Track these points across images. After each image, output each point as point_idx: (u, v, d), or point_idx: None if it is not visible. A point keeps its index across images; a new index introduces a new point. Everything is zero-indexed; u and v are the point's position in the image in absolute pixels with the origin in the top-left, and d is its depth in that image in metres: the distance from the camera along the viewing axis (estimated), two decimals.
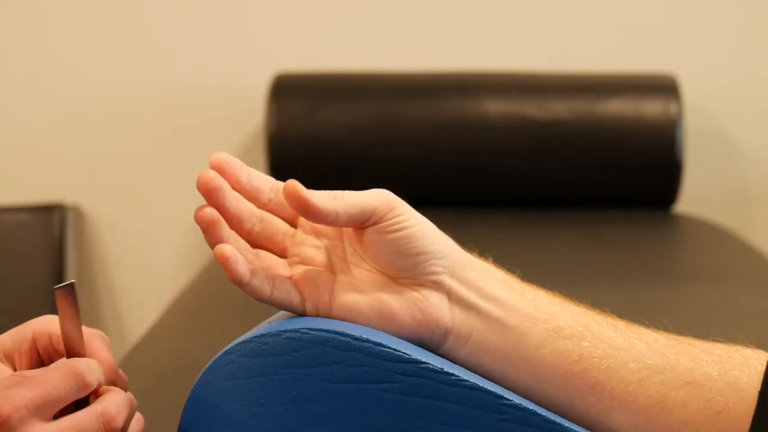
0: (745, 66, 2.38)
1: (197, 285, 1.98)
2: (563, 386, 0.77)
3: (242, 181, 0.78)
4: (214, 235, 0.76)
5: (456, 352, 0.78)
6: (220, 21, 2.38)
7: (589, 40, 2.38)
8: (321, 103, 2.23)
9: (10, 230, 2.32)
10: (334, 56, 2.37)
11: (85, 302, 2.40)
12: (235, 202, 0.77)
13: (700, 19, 2.38)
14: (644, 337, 0.79)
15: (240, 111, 2.38)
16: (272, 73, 2.28)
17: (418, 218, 0.77)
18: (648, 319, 0.82)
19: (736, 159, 2.41)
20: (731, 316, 1.63)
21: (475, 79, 2.26)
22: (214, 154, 0.77)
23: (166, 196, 2.39)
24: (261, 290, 0.75)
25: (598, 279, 1.82)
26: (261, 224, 0.78)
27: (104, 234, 2.42)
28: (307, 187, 0.81)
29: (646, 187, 2.23)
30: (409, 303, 0.77)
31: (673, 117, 2.19)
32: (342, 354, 0.73)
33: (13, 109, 2.39)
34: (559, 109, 2.20)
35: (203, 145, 2.37)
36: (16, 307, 2.29)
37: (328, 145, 2.20)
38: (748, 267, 1.94)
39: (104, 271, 2.43)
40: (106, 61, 2.38)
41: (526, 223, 2.16)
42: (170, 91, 2.38)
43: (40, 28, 2.37)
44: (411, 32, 2.39)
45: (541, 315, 0.78)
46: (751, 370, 0.77)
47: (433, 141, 2.20)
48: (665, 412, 0.76)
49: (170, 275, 2.36)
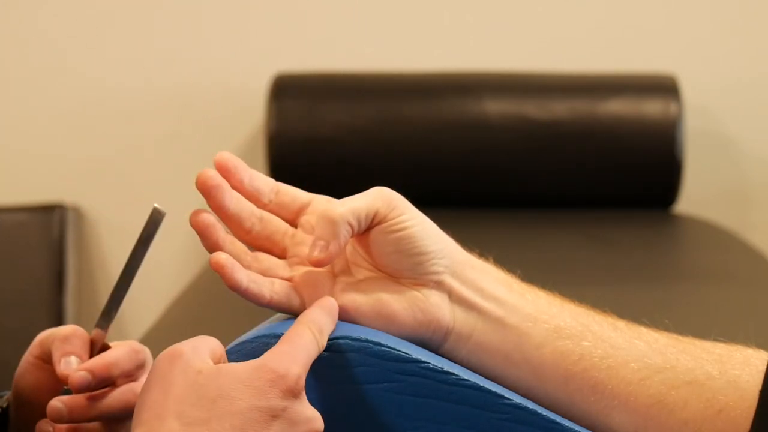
0: (745, 66, 2.38)
1: (197, 285, 1.98)
2: (564, 386, 0.77)
3: (244, 181, 0.78)
4: (209, 239, 0.76)
5: (457, 351, 0.78)
6: (220, 21, 2.38)
7: (589, 40, 2.38)
8: (321, 103, 2.23)
9: (10, 230, 2.32)
10: (334, 56, 2.37)
11: (85, 302, 2.40)
12: (235, 201, 0.77)
13: (700, 19, 2.38)
14: (644, 336, 0.79)
15: (240, 111, 2.38)
16: (272, 73, 2.28)
17: (419, 217, 0.77)
18: (648, 319, 0.82)
19: (736, 159, 2.41)
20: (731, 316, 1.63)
21: (475, 79, 2.25)
22: (219, 154, 0.77)
23: (166, 196, 2.39)
24: (259, 295, 0.75)
25: (598, 279, 1.82)
26: (261, 224, 0.78)
27: (104, 234, 2.42)
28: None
29: (646, 187, 2.23)
30: (409, 303, 0.76)
31: (673, 117, 2.19)
32: (342, 354, 0.73)
33: (13, 109, 2.39)
34: (559, 109, 2.20)
35: (203, 145, 2.37)
36: (16, 307, 2.29)
37: (328, 145, 2.20)
38: (748, 267, 1.94)
39: (104, 271, 2.43)
40: (107, 61, 2.38)
41: (526, 223, 2.16)
42: (170, 91, 2.38)
43: (40, 29, 2.37)
44: (411, 32, 2.39)
45: (541, 315, 0.78)
46: (752, 369, 0.77)
47: (433, 141, 2.20)
48: (666, 411, 0.76)
49: (170, 275, 2.36)
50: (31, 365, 0.82)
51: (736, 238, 2.13)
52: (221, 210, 0.77)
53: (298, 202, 0.79)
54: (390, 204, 0.76)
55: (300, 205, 0.79)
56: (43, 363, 0.82)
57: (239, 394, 0.66)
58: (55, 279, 2.29)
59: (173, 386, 0.67)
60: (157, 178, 2.40)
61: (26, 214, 2.33)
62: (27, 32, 2.37)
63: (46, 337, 0.82)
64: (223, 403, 0.66)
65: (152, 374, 0.68)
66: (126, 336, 2.42)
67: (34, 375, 0.82)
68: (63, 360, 0.79)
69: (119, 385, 0.80)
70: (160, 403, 0.66)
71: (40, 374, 0.82)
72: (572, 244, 2.03)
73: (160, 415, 0.66)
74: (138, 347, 0.82)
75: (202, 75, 2.38)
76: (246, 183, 0.78)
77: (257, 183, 0.78)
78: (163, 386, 0.67)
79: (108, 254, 2.43)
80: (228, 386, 0.67)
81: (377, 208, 0.75)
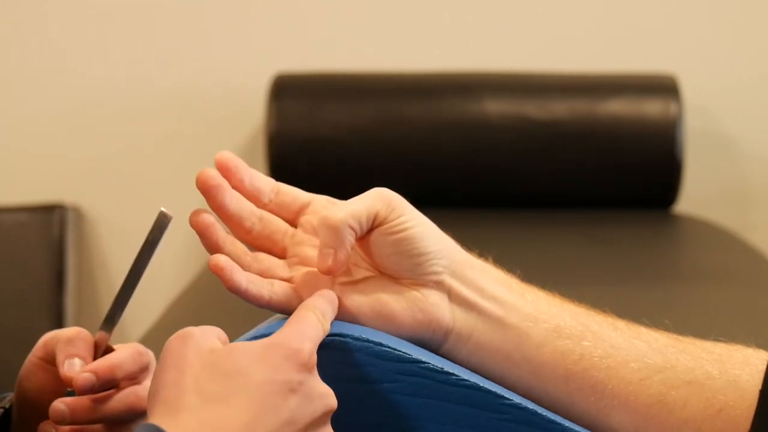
0: (746, 66, 2.38)
1: (197, 285, 1.98)
2: (564, 386, 0.77)
3: (244, 180, 0.78)
4: (209, 239, 0.76)
5: (456, 351, 0.78)
6: (220, 21, 2.38)
7: (589, 40, 2.38)
8: (321, 103, 2.23)
9: (10, 230, 2.32)
10: (334, 56, 2.37)
11: (85, 302, 2.40)
12: (235, 201, 0.77)
13: (700, 19, 2.38)
14: (644, 336, 0.79)
15: (240, 111, 2.38)
16: (272, 73, 2.28)
17: (419, 218, 0.77)
18: (648, 319, 0.82)
19: (736, 159, 2.41)
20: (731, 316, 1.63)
21: (475, 79, 2.25)
22: (219, 153, 0.77)
23: (166, 196, 2.39)
24: (259, 296, 0.75)
25: (598, 279, 1.82)
26: (261, 223, 0.78)
27: (104, 234, 2.42)
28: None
29: (646, 187, 2.23)
30: (409, 303, 0.77)
31: (673, 117, 2.19)
32: (342, 354, 0.73)
33: (13, 109, 2.39)
34: (559, 109, 2.20)
35: (203, 145, 2.37)
36: (16, 307, 2.29)
37: (328, 145, 2.20)
38: (748, 267, 1.94)
39: (104, 271, 2.43)
40: (107, 60, 2.38)
41: (526, 223, 2.16)
42: (170, 91, 2.38)
43: (40, 28, 2.37)
44: (411, 32, 2.39)
45: (541, 315, 0.78)
46: (752, 369, 0.77)
47: (433, 141, 2.20)
48: (666, 411, 0.76)
49: (170, 275, 2.36)
50: (34, 366, 0.82)
51: (736, 238, 2.13)
52: (221, 210, 0.77)
53: (298, 202, 0.80)
54: (389, 205, 0.76)
55: (300, 205, 0.80)
56: (47, 364, 0.82)
57: (254, 368, 0.67)
58: (55, 279, 2.29)
59: (189, 365, 0.67)
60: (157, 178, 2.40)
61: (26, 214, 2.33)
62: (27, 32, 2.37)
63: (50, 339, 0.82)
64: (239, 378, 0.66)
65: (165, 356, 0.69)
66: (126, 336, 2.43)
67: (38, 376, 0.82)
68: (67, 362, 0.79)
69: (122, 388, 0.80)
70: (176, 382, 0.67)
71: (44, 375, 0.82)
72: (572, 244, 2.03)
73: (178, 393, 0.66)
74: (142, 350, 0.82)
75: (202, 75, 2.38)
76: (246, 183, 0.78)
77: (257, 183, 0.79)
78: (178, 365, 0.67)
79: (108, 254, 2.43)
80: (243, 362, 0.67)
81: (377, 210, 0.75)
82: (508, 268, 0.81)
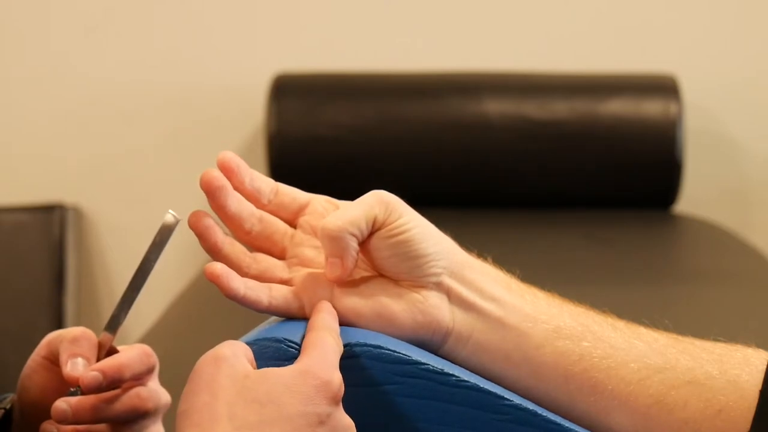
0: (746, 66, 2.38)
1: (197, 285, 1.98)
2: (564, 386, 0.77)
3: (245, 181, 0.78)
4: (208, 240, 0.76)
5: (456, 352, 0.78)
6: (220, 21, 2.38)
7: (589, 40, 2.38)
8: (321, 103, 2.23)
9: (10, 230, 2.32)
10: (334, 56, 2.37)
11: (85, 302, 2.40)
12: (236, 202, 0.77)
13: (700, 19, 2.38)
14: (644, 336, 0.79)
15: (240, 111, 2.38)
16: (272, 73, 2.28)
17: (417, 220, 0.77)
18: (648, 319, 0.82)
19: (736, 159, 2.41)
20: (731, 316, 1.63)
21: (475, 79, 2.25)
22: (222, 153, 0.77)
23: (166, 196, 2.39)
24: (258, 301, 0.75)
25: (598, 279, 1.82)
26: (260, 224, 0.78)
27: (104, 234, 2.42)
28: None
29: (646, 187, 2.23)
30: (409, 305, 0.76)
31: (673, 117, 2.19)
32: (342, 359, 0.73)
33: (13, 109, 2.39)
34: (559, 109, 2.20)
35: (203, 145, 2.37)
36: (16, 307, 2.29)
37: (328, 145, 2.20)
38: (748, 267, 1.94)
39: (104, 271, 2.43)
40: (107, 61, 2.38)
41: (526, 223, 2.16)
42: (170, 91, 2.38)
43: (40, 28, 2.37)
44: (411, 32, 2.39)
45: (540, 315, 0.78)
46: (752, 369, 0.77)
47: (433, 141, 2.20)
48: (665, 411, 0.76)
49: (170, 275, 2.36)
50: (38, 365, 0.82)
51: (736, 238, 2.13)
52: (222, 210, 0.77)
53: (297, 203, 0.80)
54: (387, 208, 0.76)
55: (299, 205, 0.80)
56: (50, 364, 0.82)
57: (288, 399, 0.67)
58: (55, 279, 2.29)
59: (222, 389, 0.67)
60: (157, 178, 2.40)
61: (26, 214, 2.33)
62: (27, 32, 2.37)
63: (54, 338, 0.82)
64: (272, 407, 0.67)
65: (197, 377, 0.69)
66: (126, 336, 2.42)
67: (41, 375, 0.82)
68: (70, 361, 0.79)
69: (125, 389, 0.80)
70: (210, 406, 0.67)
71: (47, 375, 0.82)
72: (572, 244, 2.03)
73: (211, 418, 0.66)
74: (149, 351, 0.82)
75: (202, 75, 2.38)
76: (247, 183, 0.78)
77: (257, 183, 0.79)
78: (212, 389, 0.67)
79: (108, 254, 2.43)
80: (276, 391, 0.67)
81: (375, 214, 0.75)
82: (508, 268, 0.81)
